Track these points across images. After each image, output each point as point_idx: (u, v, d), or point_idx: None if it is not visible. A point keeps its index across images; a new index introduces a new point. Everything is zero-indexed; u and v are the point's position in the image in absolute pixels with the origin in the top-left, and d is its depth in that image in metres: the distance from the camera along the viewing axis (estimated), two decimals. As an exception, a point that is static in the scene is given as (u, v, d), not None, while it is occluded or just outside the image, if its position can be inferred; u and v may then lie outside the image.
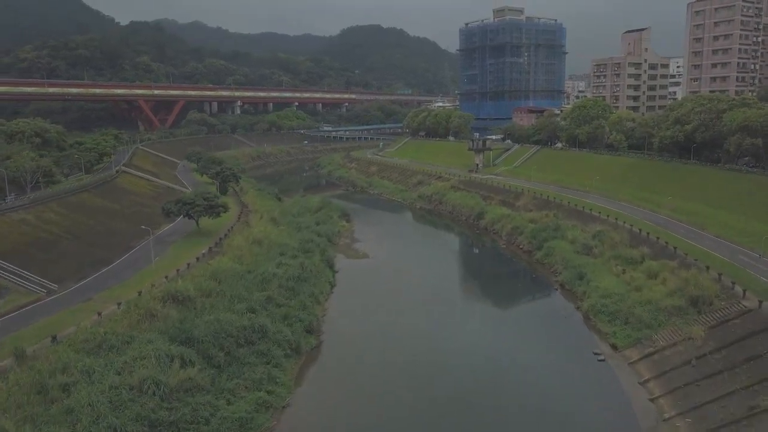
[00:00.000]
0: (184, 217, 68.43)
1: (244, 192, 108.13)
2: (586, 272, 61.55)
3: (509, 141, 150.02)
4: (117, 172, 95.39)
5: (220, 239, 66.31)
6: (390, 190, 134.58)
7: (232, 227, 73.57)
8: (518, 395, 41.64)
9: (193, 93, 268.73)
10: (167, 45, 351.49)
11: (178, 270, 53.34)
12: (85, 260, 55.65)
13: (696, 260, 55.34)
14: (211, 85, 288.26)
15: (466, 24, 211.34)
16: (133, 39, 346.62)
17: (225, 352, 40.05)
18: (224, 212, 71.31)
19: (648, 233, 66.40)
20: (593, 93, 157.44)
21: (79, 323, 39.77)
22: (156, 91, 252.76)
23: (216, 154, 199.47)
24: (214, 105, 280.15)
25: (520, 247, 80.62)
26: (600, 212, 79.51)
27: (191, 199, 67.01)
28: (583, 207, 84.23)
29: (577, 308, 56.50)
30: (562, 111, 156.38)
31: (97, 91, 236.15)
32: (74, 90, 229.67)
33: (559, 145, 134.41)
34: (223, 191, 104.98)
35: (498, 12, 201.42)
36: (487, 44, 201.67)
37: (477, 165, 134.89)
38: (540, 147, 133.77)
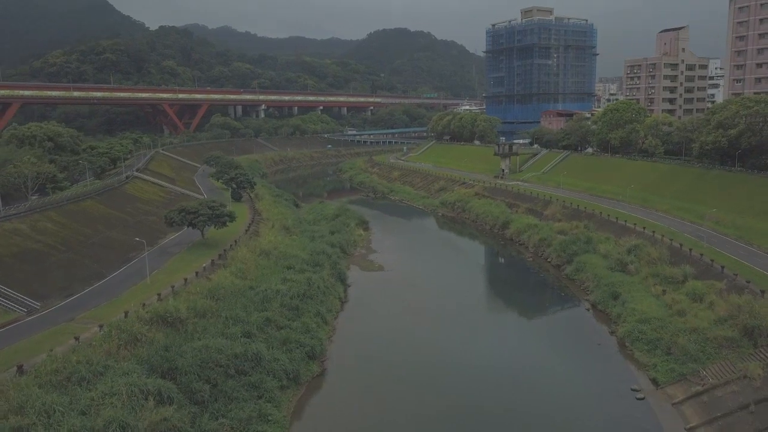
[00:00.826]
0: (187, 227, 64.53)
1: (259, 198, 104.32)
2: (621, 292, 55.76)
3: (537, 146, 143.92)
4: (127, 177, 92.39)
5: (225, 251, 62.19)
6: (411, 196, 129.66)
7: (239, 237, 69.44)
8: (545, 439, 36.39)
9: (217, 97, 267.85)
10: (194, 49, 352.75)
11: (173, 287, 49.22)
12: (76, 274, 52.00)
13: (748, 282, 49.18)
14: (235, 89, 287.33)
15: (493, 25, 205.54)
16: (161, 43, 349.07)
17: (211, 384, 35.57)
18: (231, 222, 67.23)
19: (690, 249, 60.17)
20: (626, 95, 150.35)
21: (53, 349, 35.72)
22: (180, 95, 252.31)
23: (238, 158, 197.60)
24: (239, 108, 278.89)
25: (548, 260, 74.92)
26: (636, 224, 73.32)
27: (195, 207, 63.11)
28: (617, 218, 78.10)
29: (612, 333, 50.78)
30: (592, 114, 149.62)
31: (121, 94, 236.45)
32: (98, 94, 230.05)
33: (590, 150, 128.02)
34: (237, 198, 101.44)
35: (526, 12, 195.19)
36: (515, 46, 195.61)
37: (503, 170, 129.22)
38: (569, 152, 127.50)
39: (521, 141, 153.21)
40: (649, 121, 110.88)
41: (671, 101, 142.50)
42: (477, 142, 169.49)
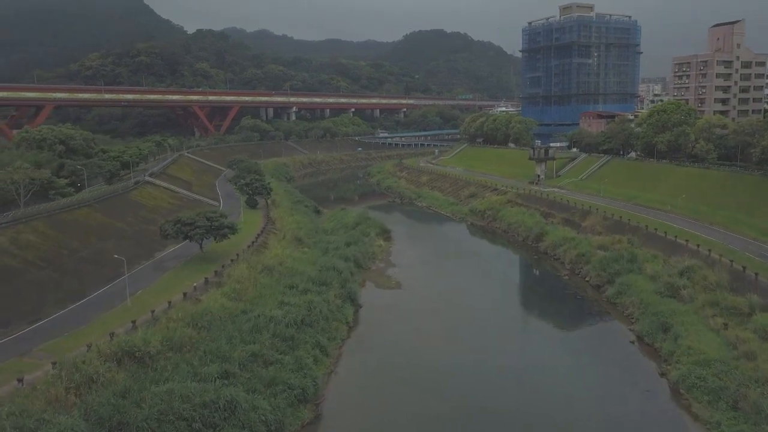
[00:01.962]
0: (184, 239, 58.94)
1: (276, 205, 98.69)
2: (673, 323, 47.57)
3: (575, 149, 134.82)
4: (136, 183, 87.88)
5: (224, 266, 56.33)
6: (439, 202, 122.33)
7: (243, 251, 63.57)
8: None
9: (247, 99, 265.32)
10: (227, 51, 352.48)
11: (152, 311, 43.41)
12: (50, 295, 46.75)
13: (834, 319, 40.74)
14: (266, 91, 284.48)
15: (530, 23, 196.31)
16: (195, 46, 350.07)
17: (168, 445, 29.39)
18: (232, 234, 61.39)
19: (756, 273, 51.42)
20: (673, 95, 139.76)
21: (-13, 395, 30.08)
22: (211, 97, 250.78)
23: (265, 161, 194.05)
24: (270, 111, 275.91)
25: (587, 279, 66.80)
26: (688, 240, 64.50)
27: (191, 219, 57.43)
28: (665, 232, 69.33)
29: (662, 375, 42.77)
30: (636, 116, 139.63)
31: (152, 97, 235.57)
32: (129, 96, 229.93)
33: (633, 154, 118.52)
34: (252, 204, 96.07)
35: (565, 9, 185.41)
36: (553, 44, 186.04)
37: (538, 176, 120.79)
38: (610, 157, 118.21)
39: (558, 144, 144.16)
40: (701, 123, 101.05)
41: (724, 102, 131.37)
42: (512, 145, 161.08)
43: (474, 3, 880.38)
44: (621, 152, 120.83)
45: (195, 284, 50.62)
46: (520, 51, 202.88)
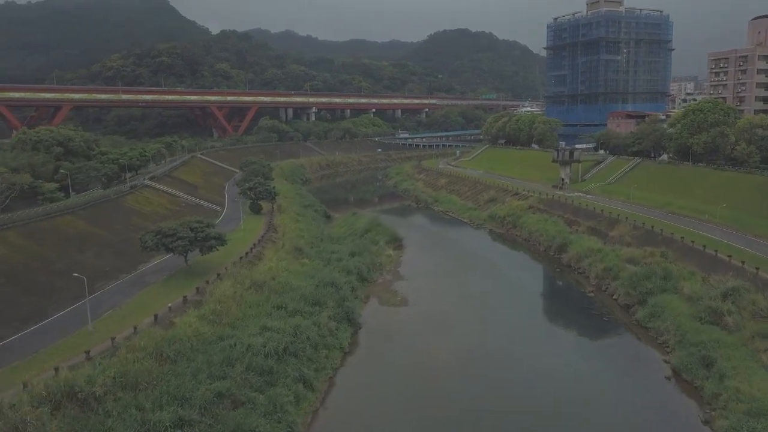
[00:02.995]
0: (166, 251, 53.71)
1: (281, 210, 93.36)
2: (716, 357, 40.75)
3: (603, 151, 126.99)
4: (132, 187, 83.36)
5: (208, 282, 50.92)
6: (457, 207, 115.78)
7: (234, 263, 58.18)
8: None
9: (266, 99, 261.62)
10: (249, 52, 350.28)
11: (113, 339, 38.13)
12: (5, 315, 41.76)
13: None
14: (285, 91, 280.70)
15: (555, 19, 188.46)
16: (217, 46, 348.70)
17: None
18: (221, 245, 56.05)
19: (816, 298, 44.34)
20: (709, 93, 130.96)
21: None
22: (229, 98, 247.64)
23: (282, 162, 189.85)
24: (290, 111, 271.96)
25: (614, 297, 59.96)
26: (731, 255, 57.11)
27: (173, 229, 52.15)
28: (704, 245, 61.94)
29: (705, 423, 36.01)
30: (668, 116, 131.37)
31: (170, 97, 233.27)
32: (147, 97, 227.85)
33: (665, 157, 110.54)
34: (256, 209, 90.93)
35: (592, 4, 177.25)
36: (579, 40, 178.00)
37: (562, 180, 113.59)
38: (641, 159, 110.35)
39: (584, 146, 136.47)
40: (742, 123, 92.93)
41: (766, 100, 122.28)
42: (535, 147, 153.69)
43: (499, 2, 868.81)
44: (652, 154, 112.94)
45: (170, 304, 45.20)
46: (544, 48, 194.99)
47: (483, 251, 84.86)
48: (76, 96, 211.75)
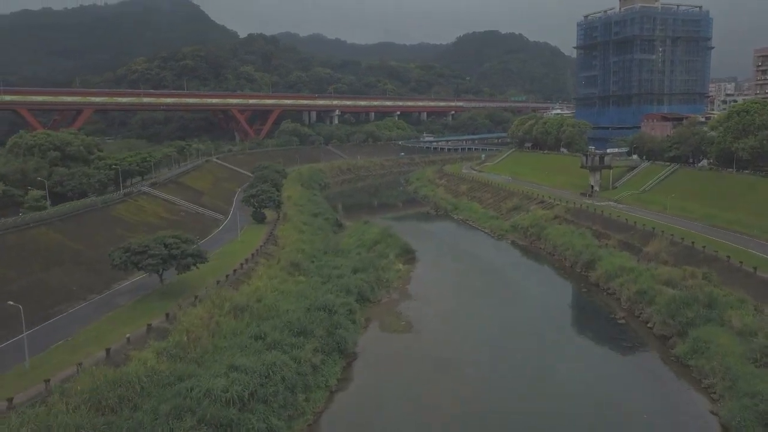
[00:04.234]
0: (138, 270, 48.07)
1: (286, 219, 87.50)
2: (778, 413, 33.10)
3: (636, 156, 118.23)
4: (126, 194, 78.45)
5: (180, 307, 45.01)
6: (478, 215, 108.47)
7: (219, 281, 52.28)
8: None
9: (288, 102, 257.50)
10: (274, 54, 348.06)
11: (47, 382, 32.36)
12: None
13: None
14: (309, 94, 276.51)
15: (586, 16, 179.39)
16: (243, 50, 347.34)
17: None
18: (201, 263, 50.24)
19: None
20: (755, 93, 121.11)
21: None
22: (250, 101, 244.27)
23: (301, 166, 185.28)
24: (313, 114, 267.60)
25: (649, 325, 52.29)
26: (788, 280, 49.17)
27: (143, 245, 46.44)
28: (755, 267, 53.76)
29: (766, 504, 28.56)
30: (708, 118, 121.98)
31: (191, 100, 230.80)
32: (168, 100, 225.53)
33: (705, 163, 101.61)
34: (260, 218, 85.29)
35: (626, 0, 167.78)
36: (611, 39, 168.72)
37: (591, 187, 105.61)
38: (678, 165, 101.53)
39: (616, 150, 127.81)
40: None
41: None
42: (564, 151, 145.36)
43: (530, 3, 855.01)
44: (691, 160, 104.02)
45: (129, 335, 39.37)
46: (574, 47, 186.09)
47: (502, 266, 77.40)
48: (97, 99, 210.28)
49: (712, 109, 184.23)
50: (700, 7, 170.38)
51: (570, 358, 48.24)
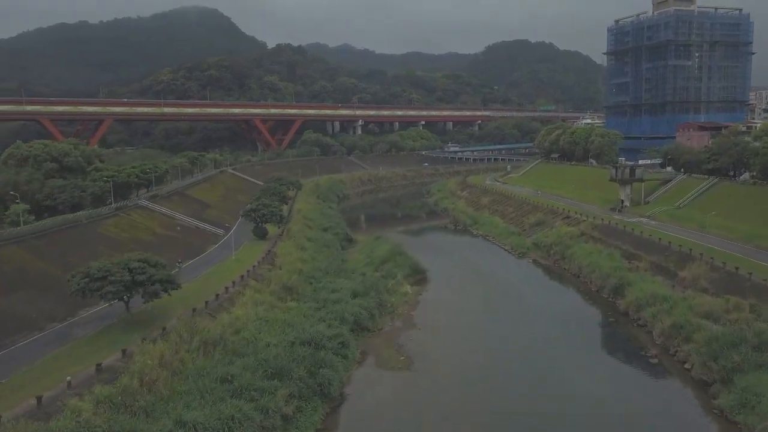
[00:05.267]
0: (101, 299, 42.93)
1: (290, 235, 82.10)
2: None
3: (670, 168, 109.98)
4: (118, 208, 74.04)
5: (143, 341, 39.55)
6: (498, 231, 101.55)
7: (195, 309, 46.86)
8: None
9: (311, 112, 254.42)
10: (300, 65, 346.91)
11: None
12: None
13: None
14: (332, 104, 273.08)
15: (616, 21, 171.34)
16: (268, 59, 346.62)
17: None
18: (172, 289, 44.94)
19: None
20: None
21: None
22: (273, 110, 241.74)
23: (321, 177, 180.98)
24: (336, 124, 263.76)
25: (686, 366, 45.02)
26: None
27: (104, 270, 41.28)
28: (813, 299, 46.26)
29: None
30: (751, 128, 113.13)
31: (213, 110, 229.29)
32: (190, 110, 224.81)
33: (748, 176, 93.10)
34: (261, 234, 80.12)
35: (659, 3, 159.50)
36: (644, 44, 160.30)
37: (622, 202, 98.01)
38: (717, 179, 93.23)
39: (648, 162, 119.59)
40: None
41: None
42: (593, 162, 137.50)
43: (561, 11, 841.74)
44: (732, 173, 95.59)
45: (69, 378, 34.03)
46: (603, 53, 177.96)
47: (520, 290, 70.27)
48: (118, 109, 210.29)
49: (753, 118, 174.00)
50: (740, 10, 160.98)
51: (595, 406, 41.25)
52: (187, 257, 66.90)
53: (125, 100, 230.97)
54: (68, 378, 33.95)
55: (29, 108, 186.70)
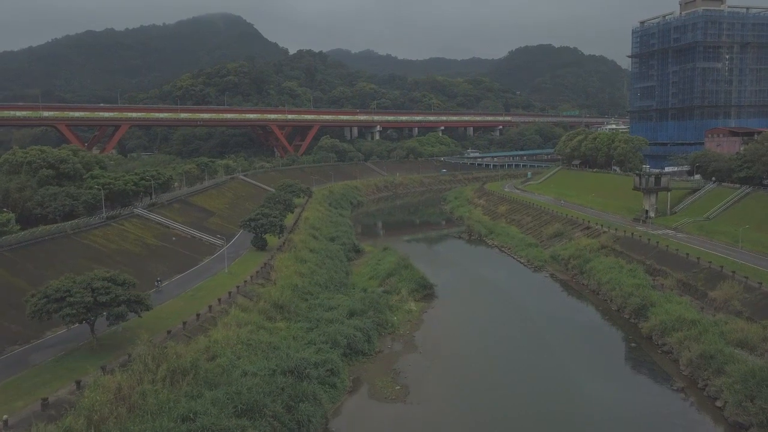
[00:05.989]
0: (62, 321, 39.09)
1: (291, 246, 77.96)
2: None
3: (698, 176, 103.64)
4: (110, 217, 70.65)
5: (104, 369, 35.56)
6: (514, 242, 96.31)
7: (171, 331, 42.84)
8: None
9: (328, 117, 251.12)
10: (321, 71, 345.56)
11: None
12: None
13: None
14: (350, 110, 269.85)
15: (642, 22, 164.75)
16: (288, 65, 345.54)
17: None
18: (143, 311, 40.97)
19: None
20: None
21: None
22: (289, 116, 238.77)
23: (336, 184, 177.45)
24: (354, 130, 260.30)
25: (718, 404, 39.62)
26: None
27: (63, 290, 37.39)
28: None
29: None
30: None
31: (228, 116, 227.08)
32: (205, 115, 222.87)
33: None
34: (260, 245, 76.14)
35: (687, 4, 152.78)
36: (670, 46, 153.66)
37: (646, 212, 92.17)
38: (751, 188, 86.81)
39: (674, 169, 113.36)
40: None
41: None
42: (616, 169, 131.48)
43: (586, 16, 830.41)
44: (766, 182, 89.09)
45: (6, 416, 30.10)
46: (628, 56, 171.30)
47: (534, 309, 64.93)
48: (134, 115, 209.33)
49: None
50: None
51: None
52: (177, 270, 63.11)
53: (141, 105, 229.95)
54: (5, 417, 30.00)
55: (46, 114, 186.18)
